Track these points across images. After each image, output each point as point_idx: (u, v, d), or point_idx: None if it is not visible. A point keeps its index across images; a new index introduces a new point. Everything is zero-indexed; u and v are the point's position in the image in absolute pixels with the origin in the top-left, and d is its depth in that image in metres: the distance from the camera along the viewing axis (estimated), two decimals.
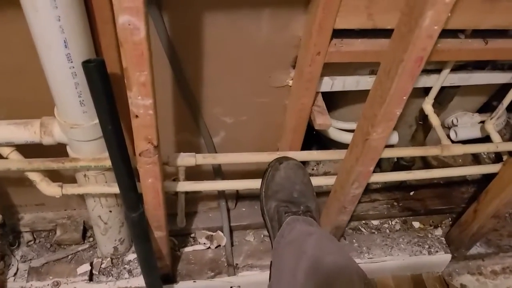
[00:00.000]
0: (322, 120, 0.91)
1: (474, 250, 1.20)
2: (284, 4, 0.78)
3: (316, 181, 0.99)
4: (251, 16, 0.79)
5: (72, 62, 0.66)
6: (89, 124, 0.76)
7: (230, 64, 0.88)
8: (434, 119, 1.00)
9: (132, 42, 0.54)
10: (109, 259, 1.09)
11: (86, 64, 0.60)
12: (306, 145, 1.13)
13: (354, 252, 1.15)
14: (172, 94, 0.90)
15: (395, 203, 1.27)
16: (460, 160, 1.45)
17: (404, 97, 0.68)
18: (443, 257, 1.17)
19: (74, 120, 0.76)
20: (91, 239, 1.14)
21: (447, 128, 1.23)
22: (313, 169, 1.38)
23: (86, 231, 1.14)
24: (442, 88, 1.03)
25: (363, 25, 0.78)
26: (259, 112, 0.99)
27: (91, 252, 1.12)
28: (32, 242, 1.12)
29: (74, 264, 1.06)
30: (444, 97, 1.07)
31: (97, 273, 1.07)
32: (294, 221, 0.81)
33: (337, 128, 1.13)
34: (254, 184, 0.94)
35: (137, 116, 0.64)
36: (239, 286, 1.09)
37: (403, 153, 0.93)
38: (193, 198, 1.16)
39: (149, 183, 0.75)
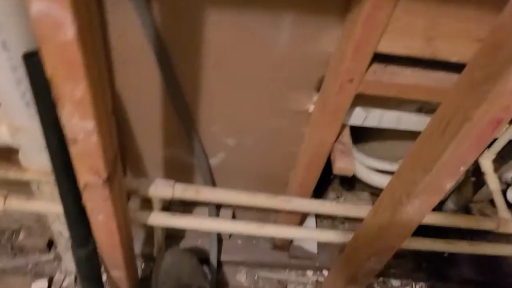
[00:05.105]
0: (343, 164, 0.71)
1: None
2: (313, 9, 0.57)
3: (323, 235, 0.78)
4: (268, 20, 0.59)
5: (8, 50, 0.49)
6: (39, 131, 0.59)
7: (238, 75, 0.69)
8: (492, 182, 0.77)
9: (57, 44, 0.36)
10: (73, 277, 0.93)
11: (28, 57, 0.44)
12: (326, 174, 0.93)
13: None
14: (161, 101, 0.72)
15: (424, 264, 1.05)
16: None
17: (462, 168, 0.47)
18: None
19: (20, 123, 0.60)
20: (58, 249, 0.98)
21: (503, 183, 0.99)
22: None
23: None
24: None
25: (419, 52, 0.56)
26: (269, 137, 0.79)
27: (55, 264, 0.96)
28: None
29: (31, 277, 0.92)
30: (510, 151, 0.83)
31: None
32: None
33: (366, 166, 0.91)
34: (247, 228, 0.75)
35: (75, 141, 0.46)
36: None
37: (445, 221, 0.71)
38: None
39: (100, 221, 0.58)
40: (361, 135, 0.90)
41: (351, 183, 1.17)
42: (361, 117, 0.74)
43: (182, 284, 0.78)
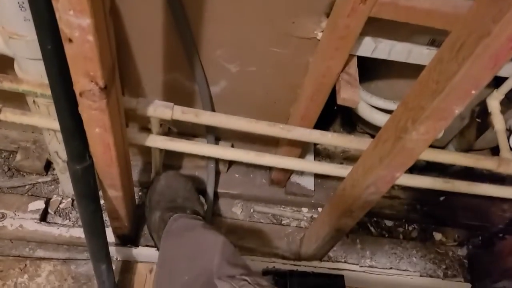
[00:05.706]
0: (348, 94, 0.69)
1: (501, 284, 0.99)
2: None
3: (322, 168, 0.78)
4: None
5: None
6: (34, 38, 0.57)
7: None
8: (498, 122, 0.76)
9: None
10: (70, 199, 0.94)
11: None
12: (327, 115, 0.91)
13: (354, 255, 0.96)
14: (163, 20, 0.69)
15: (418, 206, 1.06)
16: None
17: (474, 91, 0.45)
18: (460, 286, 0.96)
19: (13, 28, 0.58)
20: (55, 172, 0.98)
21: (508, 130, 0.98)
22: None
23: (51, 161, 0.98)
24: None
25: None
26: (273, 65, 0.77)
27: (52, 186, 0.96)
28: None
29: (28, 198, 0.92)
30: None
31: (52, 212, 0.92)
32: (181, 217, 0.77)
33: (369, 104, 0.89)
34: (246, 156, 0.74)
35: (70, 40, 0.43)
36: None
37: (445, 157, 0.70)
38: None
39: (96, 134, 0.56)
40: (367, 73, 0.87)
41: (352, 125, 1.15)
42: (370, 47, 0.71)
43: (176, 206, 0.79)
